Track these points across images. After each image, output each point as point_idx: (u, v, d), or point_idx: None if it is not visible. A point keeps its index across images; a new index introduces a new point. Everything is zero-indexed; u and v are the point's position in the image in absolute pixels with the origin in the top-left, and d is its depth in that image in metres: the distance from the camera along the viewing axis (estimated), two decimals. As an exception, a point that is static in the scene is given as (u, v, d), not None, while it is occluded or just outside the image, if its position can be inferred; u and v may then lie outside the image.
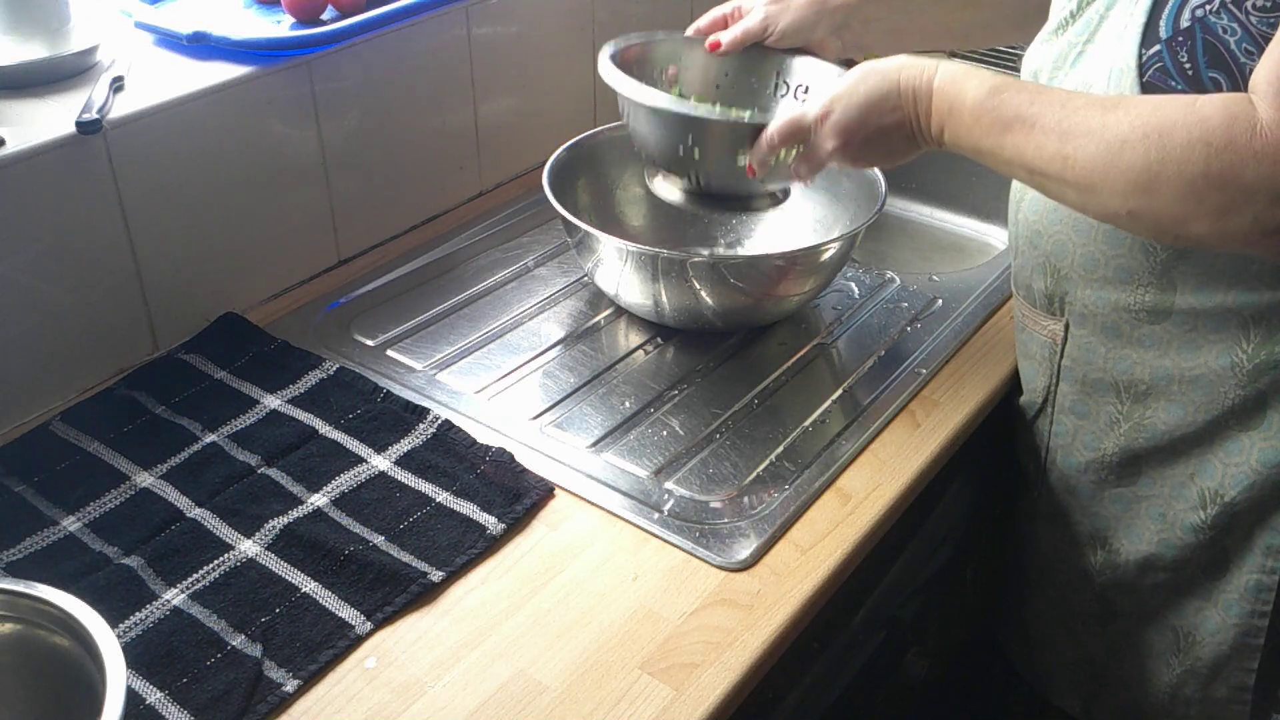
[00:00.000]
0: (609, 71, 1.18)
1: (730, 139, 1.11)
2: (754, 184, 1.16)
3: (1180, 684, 1.14)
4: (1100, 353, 1.08)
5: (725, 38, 1.23)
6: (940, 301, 1.31)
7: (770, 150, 1.06)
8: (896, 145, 1.01)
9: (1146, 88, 0.91)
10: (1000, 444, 1.24)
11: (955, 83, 0.94)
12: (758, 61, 1.26)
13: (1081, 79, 0.98)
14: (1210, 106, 0.82)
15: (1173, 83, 0.90)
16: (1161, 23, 0.91)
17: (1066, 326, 1.09)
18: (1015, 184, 1.11)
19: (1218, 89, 0.87)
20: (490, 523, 1.00)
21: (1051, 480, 1.18)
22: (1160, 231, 0.90)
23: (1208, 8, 0.88)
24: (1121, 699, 1.21)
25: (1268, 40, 0.85)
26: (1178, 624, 1.12)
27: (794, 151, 1.06)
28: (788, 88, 1.26)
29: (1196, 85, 0.89)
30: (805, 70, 1.25)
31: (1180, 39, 0.89)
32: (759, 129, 1.07)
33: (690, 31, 1.26)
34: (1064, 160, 0.87)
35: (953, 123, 0.95)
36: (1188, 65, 0.89)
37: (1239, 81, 0.87)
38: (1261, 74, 0.82)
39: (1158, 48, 0.91)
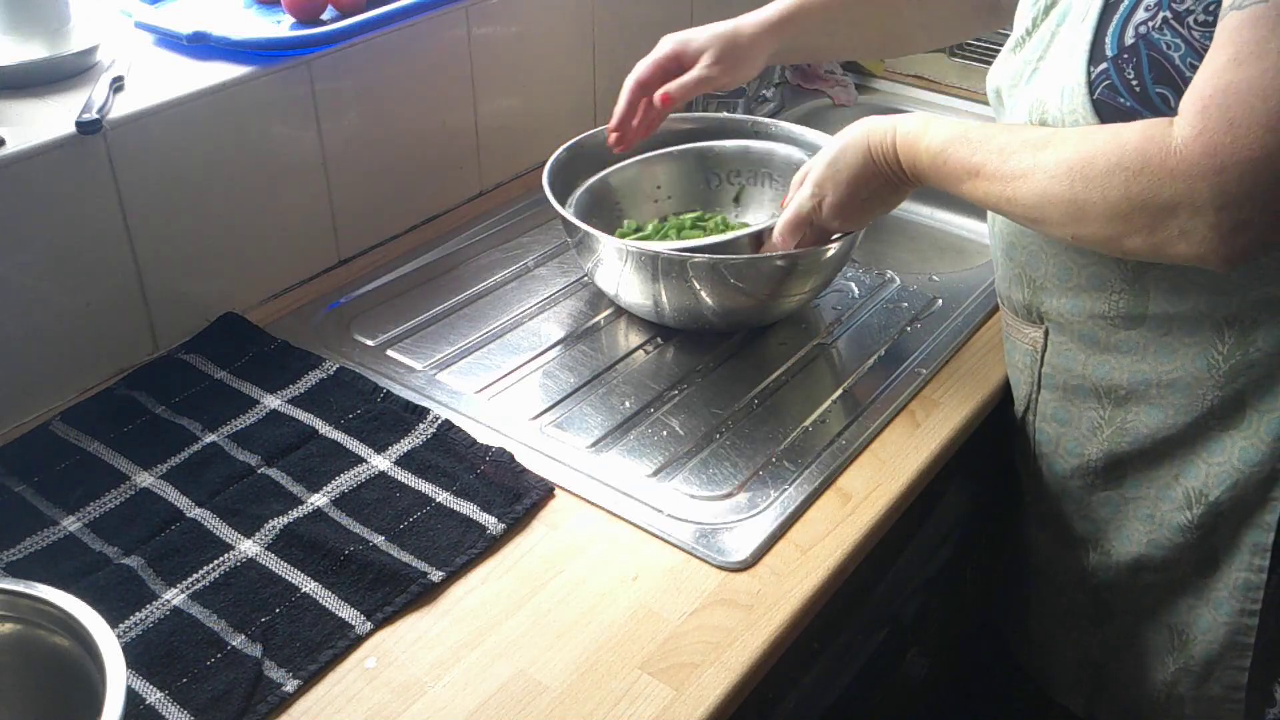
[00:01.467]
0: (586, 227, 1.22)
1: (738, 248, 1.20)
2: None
3: (1175, 682, 1.14)
4: (1079, 359, 1.08)
5: (676, 89, 1.23)
6: (940, 301, 1.31)
7: (785, 245, 1.15)
8: (888, 198, 1.09)
9: (1097, 105, 0.92)
10: (999, 445, 1.24)
11: (910, 145, 1.02)
12: (696, 163, 1.37)
13: (1035, 97, 0.98)
14: (1130, 132, 0.85)
15: (1121, 99, 0.91)
16: (1107, 40, 0.91)
17: (1046, 334, 1.10)
18: None
19: (1166, 105, 0.88)
20: (490, 523, 1.00)
21: (1042, 485, 1.18)
22: (1107, 250, 0.96)
23: (1150, 24, 0.89)
24: (1122, 697, 1.21)
25: None
26: (1172, 623, 1.13)
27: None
28: (720, 179, 1.38)
29: (1145, 102, 0.89)
30: (733, 158, 1.37)
31: (1126, 56, 0.90)
32: (759, 235, 1.18)
33: (627, 87, 1.26)
34: (1009, 201, 0.94)
35: (917, 173, 1.03)
36: (1135, 82, 0.90)
37: None
38: (1186, 95, 0.84)
39: (1105, 65, 0.91)
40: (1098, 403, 1.09)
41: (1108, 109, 0.91)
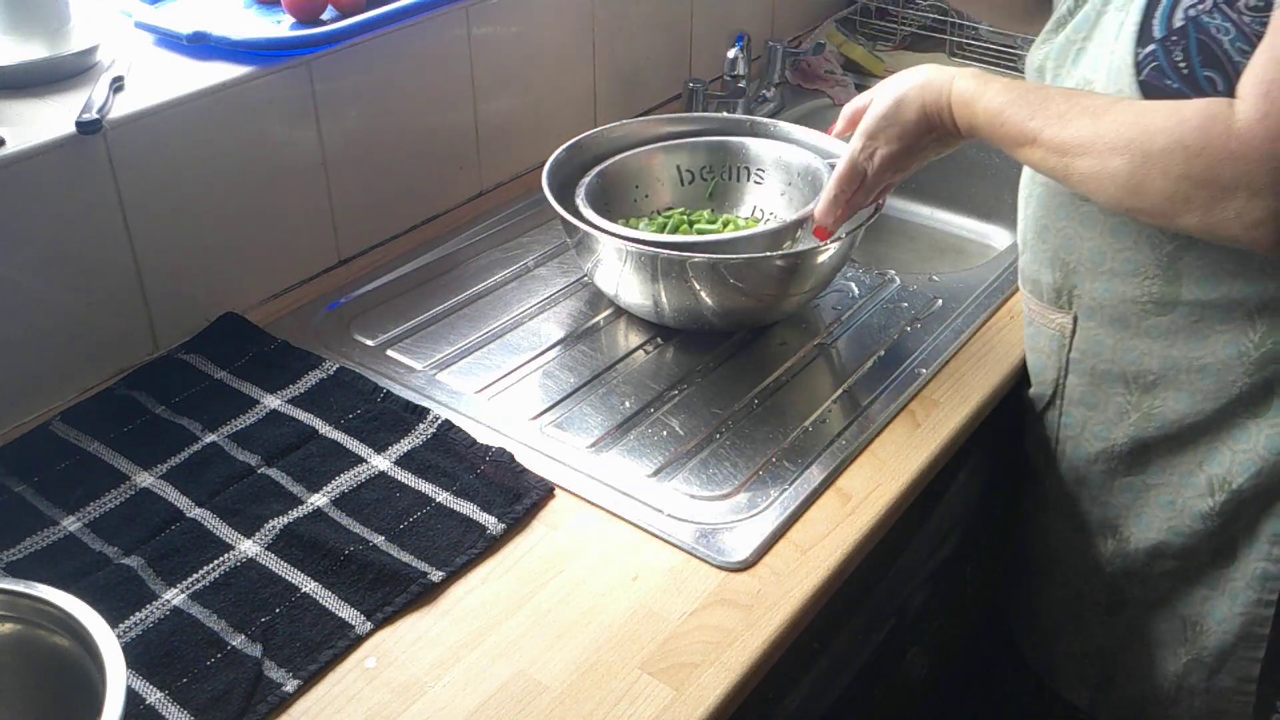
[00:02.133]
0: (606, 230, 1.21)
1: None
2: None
3: (1186, 673, 1.14)
4: (1109, 344, 1.08)
5: None
6: (940, 301, 1.31)
7: (839, 199, 1.13)
8: (939, 149, 1.09)
9: (1143, 86, 0.92)
10: (1004, 440, 1.24)
11: (966, 105, 1.01)
12: (668, 161, 1.37)
13: (1082, 77, 0.99)
14: (1191, 109, 0.86)
15: (1168, 81, 0.91)
16: (1155, 22, 0.92)
17: (1075, 319, 1.10)
18: (1024, 180, 1.14)
19: (1213, 87, 0.89)
20: (490, 523, 1.00)
21: (1061, 471, 1.19)
22: (1160, 224, 0.96)
23: (1200, 7, 0.89)
24: (1128, 691, 1.21)
25: (1261, 39, 0.86)
26: (1185, 613, 1.13)
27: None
28: (694, 175, 1.38)
29: (1192, 84, 0.90)
30: (705, 154, 1.37)
31: (1174, 38, 0.90)
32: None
33: None
34: (1065, 170, 0.95)
35: (973, 131, 1.03)
36: (1182, 64, 0.90)
37: (1234, 80, 0.88)
38: (1246, 77, 0.84)
39: (1153, 47, 0.92)
40: (1125, 388, 1.09)
41: (1154, 90, 0.92)
